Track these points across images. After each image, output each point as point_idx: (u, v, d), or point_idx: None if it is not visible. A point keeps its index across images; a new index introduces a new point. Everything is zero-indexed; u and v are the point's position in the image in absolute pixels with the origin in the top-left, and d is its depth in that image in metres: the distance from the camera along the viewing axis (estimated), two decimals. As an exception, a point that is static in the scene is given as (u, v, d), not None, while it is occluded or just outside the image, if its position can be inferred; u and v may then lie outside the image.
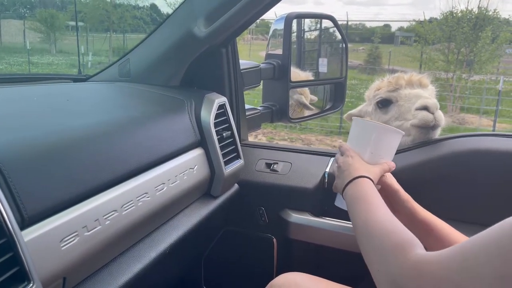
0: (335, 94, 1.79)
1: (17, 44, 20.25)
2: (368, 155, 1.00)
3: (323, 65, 1.92)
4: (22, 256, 0.62)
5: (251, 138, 1.62)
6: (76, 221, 0.74)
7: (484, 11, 10.97)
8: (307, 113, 1.85)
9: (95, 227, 0.77)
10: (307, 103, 1.84)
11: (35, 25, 21.01)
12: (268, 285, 1.03)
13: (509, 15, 11.62)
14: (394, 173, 1.22)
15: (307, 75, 1.84)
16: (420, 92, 1.34)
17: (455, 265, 0.56)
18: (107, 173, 0.83)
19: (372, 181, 0.92)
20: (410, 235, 0.70)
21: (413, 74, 1.40)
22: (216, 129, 1.18)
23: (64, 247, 0.71)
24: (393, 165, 1.02)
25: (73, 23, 21.30)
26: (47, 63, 16.82)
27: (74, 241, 0.73)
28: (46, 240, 0.68)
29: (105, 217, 0.80)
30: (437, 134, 1.31)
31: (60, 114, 0.96)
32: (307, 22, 1.90)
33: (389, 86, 1.39)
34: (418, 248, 0.66)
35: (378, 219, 0.78)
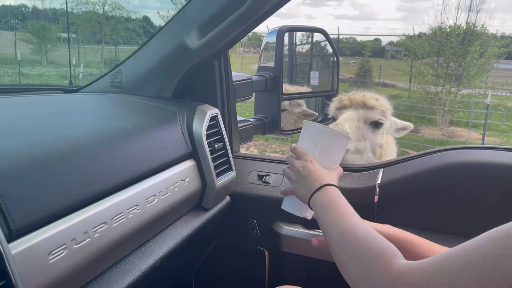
0: (328, 106, 1.80)
1: (8, 55, 20.10)
2: (324, 161, 0.99)
3: (314, 78, 1.94)
4: (9, 269, 0.61)
5: (242, 150, 1.62)
6: (64, 234, 0.72)
7: (472, 27, 11.18)
8: (300, 124, 1.86)
9: (84, 240, 0.76)
10: (311, 111, 1.87)
11: (26, 36, 20.91)
12: None
13: (496, 31, 11.85)
14: (385, 186, 1.22)
15: (304, 89, 1.86)
16: (343, 116, 1.41)
17: (439, 275, 0.57)
18: (97, 185, 0.82)
19: (339, 189, 0.91)
20: (390, 244, 0.70)
21: (356, 95, 1.46)
22: (208, 140, 1.18)
23: (52, 260, 0.70)
24: (342, 170, 1.02)
25: (65, 34, 21.26)
26: (38, 74, 16.70)
27: (63, 254, 0.71)
28: (34, 253, 0.67)
29: (94, 229, 0.79)
30: (352, 159, 1.38)
31: (50, 125, 0.95)
32: (298, 36, 1.93)
33: (336, 104, 1.48)
34: (399, 257, 0.65)
35: (354, 228, 0.76)
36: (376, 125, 1.44)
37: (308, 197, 0.91)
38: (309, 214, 1.03)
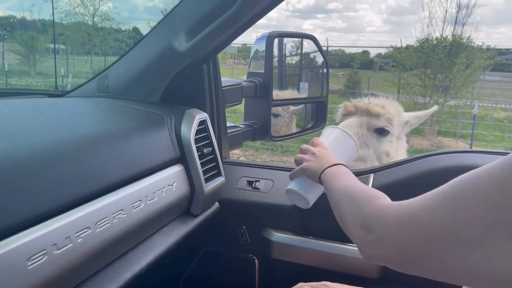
0: (317, 113, 1.79)
1: (-5, 66, 19.91)
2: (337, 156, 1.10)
3: (304, 89, 1.93)
4: (-16, 275, 0.57)
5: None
6: (45, 239, 0.69)
7: (458, 39, 11.39)
8: (289, 131, 1.85)
9: (66, 245, 0.73)
10: (298, 107, 1.88)
11: (14, 47, 20.75)
12: None
13: (482, 43, 12.06)
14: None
15: (296, 94, 1.86)
16: (344, 123, 1.48)
17: (416, 204, 0.63)
18: (80, 188, 0.79)
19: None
20: (383, 193, 0.78)
21: (361, 102, 1.49)
22: (197, 145, 1.16)
23: (31, 266, 0.66)
24: None
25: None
26: (25, 85, 16.53)
27: (42, 260, 0.68)
28: (12, 259, 0.64)
29: (77, 234, 0.75)
30: (353, 166, 1.41)
31: (32, 127, 0.92)
32: (288, 48, 1.92)
33: (342, 111, 1.55)
34: (388, 199, 0.74)
35: (356, 184, 0.87)
36: (381, 132, 1.44)
37: (320, 171, 0.99)
38: (312, 198, 1.12)
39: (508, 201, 0.50)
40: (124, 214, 0.88)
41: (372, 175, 1.30)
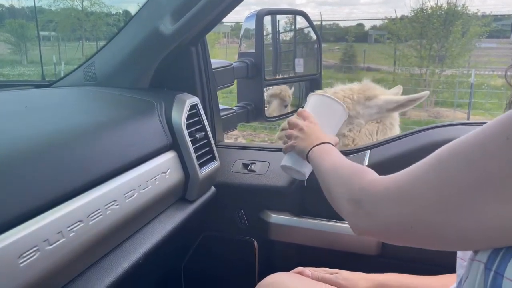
0: (311, 90, 1.77)
1: (-14, 57, 19.66)
2: (324, 127, 1.09)
3: (299, 65, 1.90)
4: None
5: (230, 141, 1.58)
6: (36, 235, 0.68)
7: (453, 7, 11.23)
8: (283, 111, 1.83)
9: (58, 240, 0.71)
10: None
11: (4, 36, 20.41)
12: (257, 286, 1.01)
13: (477, 10, 11.91)
14: (372, 167, 1.20)
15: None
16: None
17: (402, 175, 0.62)
18: (70, 181, 0.77)
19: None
20: (370, 169, 0.77)
21: (358, 89, 1.47)
22: (189, 130, 1.14)
23: (23, 263, 0.65)
24: (338, 139, 1.10)
25: (45, 33, 20.80)
26: (18, 74, 16.34)
27: (35, 257, 0.67)
28: (2, 257, 0.62)
29: (69, 228, 0.74)
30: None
31: (17, 121, 0.90)
32: (281, 24, 1.88)
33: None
34: (375, 174, 0.73)
35: (343, 161, 0.87)
36: None
37: (308, 150, 1.00)
38: (307, 170, 1.11)
39: (491, 162, 0.50)
40: (117, 205, 0.86)
41: (368, 152, 1.28)
